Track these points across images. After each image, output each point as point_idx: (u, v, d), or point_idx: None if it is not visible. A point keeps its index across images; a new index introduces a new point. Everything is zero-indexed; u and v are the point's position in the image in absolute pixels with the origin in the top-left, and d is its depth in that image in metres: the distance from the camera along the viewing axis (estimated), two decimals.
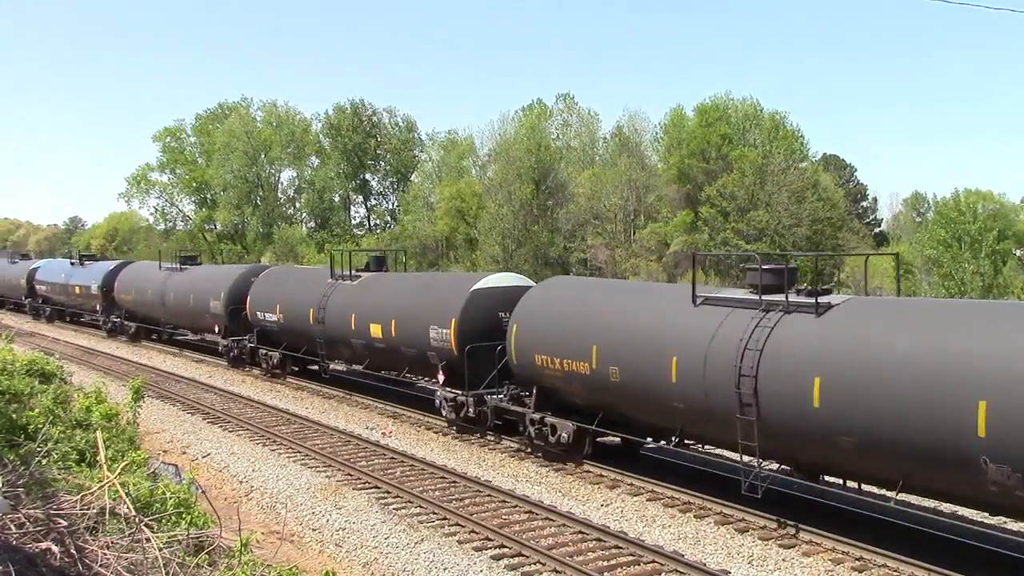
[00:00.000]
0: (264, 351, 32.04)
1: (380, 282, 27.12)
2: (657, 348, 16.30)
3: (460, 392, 21.82)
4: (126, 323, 44.69)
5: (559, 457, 19.34)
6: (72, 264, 52.59)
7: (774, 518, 15.18)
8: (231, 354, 34.18)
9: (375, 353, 25.76)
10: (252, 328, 32.44)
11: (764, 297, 15.32)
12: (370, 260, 29.52)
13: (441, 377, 22.50)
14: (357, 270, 28.42)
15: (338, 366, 30.76)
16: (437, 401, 22.70)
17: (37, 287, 55.91)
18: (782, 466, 15.28)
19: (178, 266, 40.98)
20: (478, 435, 22.04)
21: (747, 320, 14.97)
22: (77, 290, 49.10)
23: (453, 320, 21.95)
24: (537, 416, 19.46)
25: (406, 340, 23.83)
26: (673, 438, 16.85)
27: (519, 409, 20.13)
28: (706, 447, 17.69)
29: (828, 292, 16.04)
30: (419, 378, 27.80)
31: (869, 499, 15.00)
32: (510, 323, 20.11)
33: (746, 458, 14.95)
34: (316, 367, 29.95)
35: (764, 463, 14.95)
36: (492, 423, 21.28)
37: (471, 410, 21.53)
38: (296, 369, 31.81)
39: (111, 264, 48.81)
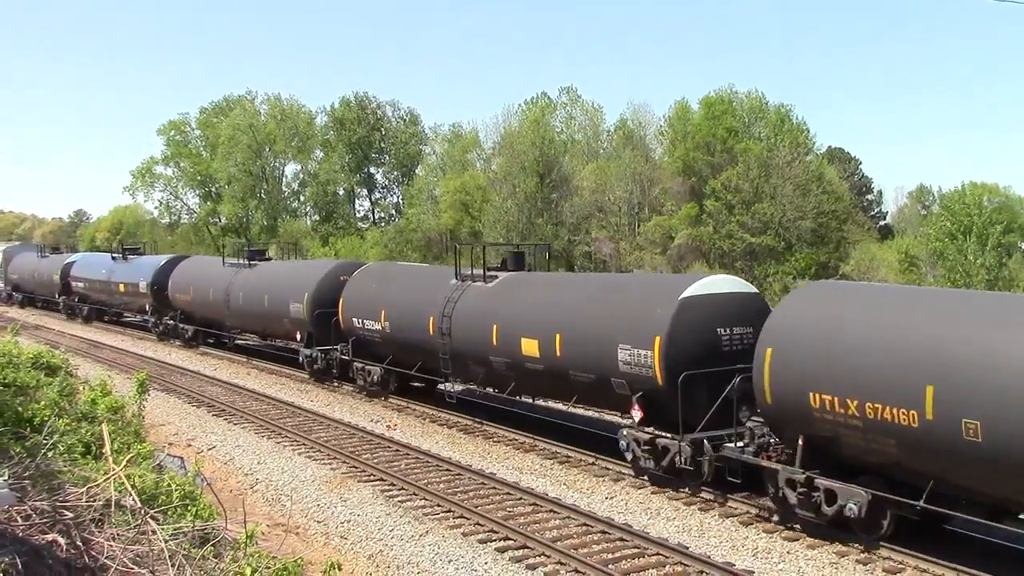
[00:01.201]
0: (361, 365, 26.61)
1: (529, 285, 21.78)
2: None
3: (667, 434, 16.72)
4: (182, 326, 39.50)
5: (823, 532, 14.29)
6: (114, 258, 47.49)
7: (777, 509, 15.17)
8: (316, 366, 29.04)
9: (527, 376, 20.36)
10: (346, 337, 27.08)
11: None
12: (505, 257, 24.10)
13: (637, 414, 17.21)
14: (489, 269, 23.21)
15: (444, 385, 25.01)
16: (623, 443, 17.53)
17: (73, 284, 50.90)
18: None
19: (245, 262, 35.62)
20: (685, 491, 16.77)
21: None
22: (122, 288, 44.29)
23: (658, 339, 16.59)
24: (801, 476, 14.13)
25: (579, 362, 18.52)
26: None
27: (772, 465, 14.74)
28: None
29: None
30: (592, 410, 21.55)
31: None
32: (759, 345, 14.68)
33: None
34: (420, 384, 25.91)
35: None
36: (709, 476, 16.27)
37: (683, 459, 16.27)
38: (394, 387, 26.29)
39: (162, 259, 43.63)
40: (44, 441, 10.93)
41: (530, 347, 19.72)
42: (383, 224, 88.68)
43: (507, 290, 21.72)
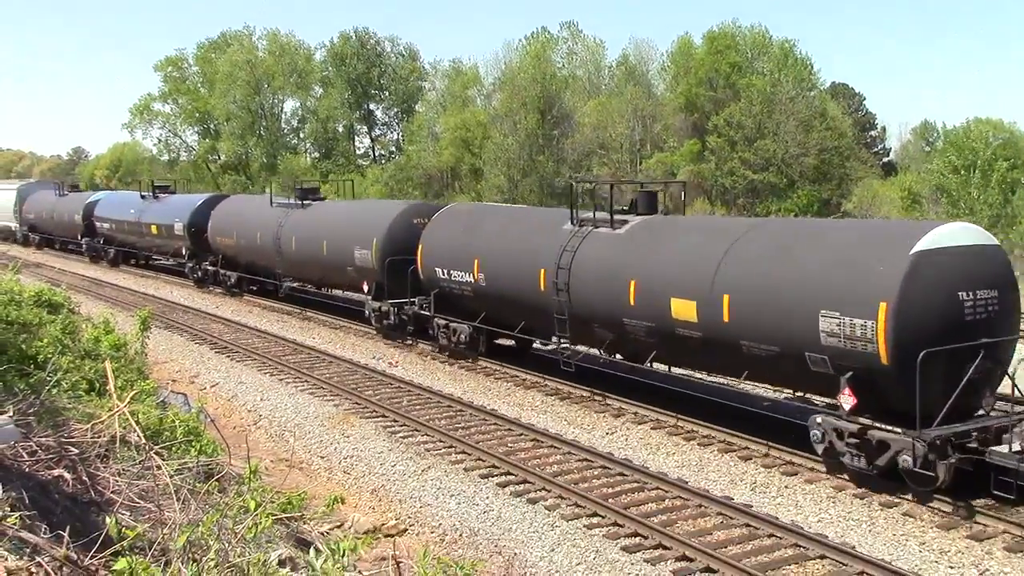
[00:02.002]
0: (444, 322, 23.02)
1: (679, 232, 17.81)
2: None
3: (891, 428, 13.14)
4: (223, 272, 35.72)
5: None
6: (143, 197, 43.30)
7: (777, 446, 15.32)
8: (385, 321, 25.49)
9: (676, 344, 16.60)
10: (426, 290, 23.53)
11: None
12: (635, 197, 19.72)
13: (848, 400, 13.59)
14: (618, 211, 19.06)
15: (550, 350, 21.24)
16: (816, 432, 13.98)
17: (97, 225, 46.97)
18: None
19: (296, 201, 31.45)
20: (910, 497, 13.32)
21: None
22: (154, 229, 40.34)
23: (884, 306, 12.93)
24: None
25: (756, 331, 14.77)
26: None
27: None
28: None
29: None
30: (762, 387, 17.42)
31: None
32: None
33: None
34: (516, 345, 22.67)
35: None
36: (946, 482, 12.68)
37: (915, 460, 12.64)
38: (483, 348, 22.63)
39: (198, 198, 39.88)
40: (48, 378, 10.99)
41: (684, 309, 15.93)
42: (383, 161, 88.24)
43: (648, 238, 17.72)
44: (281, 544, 8.17)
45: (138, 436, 8.88)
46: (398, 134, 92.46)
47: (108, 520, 5.83)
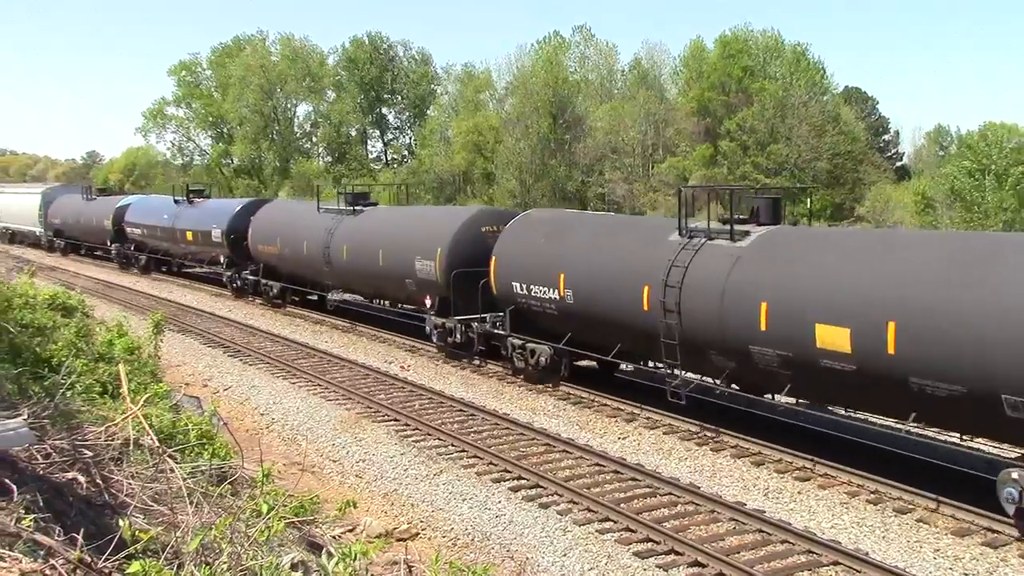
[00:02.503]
0: (520, 342, 20.76)
1: (823, 246, 15.33)
2: None
3: None
4: (265, 282, 33.45)
5: None
6: (177, 202, 41.39)
7: (787, 451, 15.26)
8: (450, 339, 23.13)
9: (820, 377, 14.11)
10: (500, 306, 21.39)
11: None
12: (756, 203, 16.95)
13: None
14: (736, 220, 16.53)
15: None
16: (1012, 491, 11.87)
17: (128, 230, 44.97)
18: None
19: (348, 207, 29.23)
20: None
21: None
22: (189, 236, 38.29)
23: None
24: None
25: (934, 367, 12.34)
26: None
27: None
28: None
29: None
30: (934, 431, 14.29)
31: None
32: None
33: None
34: (598, 368, 20.49)
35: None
36: None
37: None
38: (566, 372, 20.40)
39: (237, 203, 37.89)
40: (62, 381, 11.03)
41: (833, 338, 13.60)
42: (396, 165, 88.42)
43: (780, 253, 15.40)
44: (293, 548, 8.18)
45: (151, 439, 8.90)
46: (410, 138, 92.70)
47: (122, 523, 5.84)
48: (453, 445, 16.39)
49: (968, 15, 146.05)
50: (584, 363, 20.95)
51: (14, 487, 6.34)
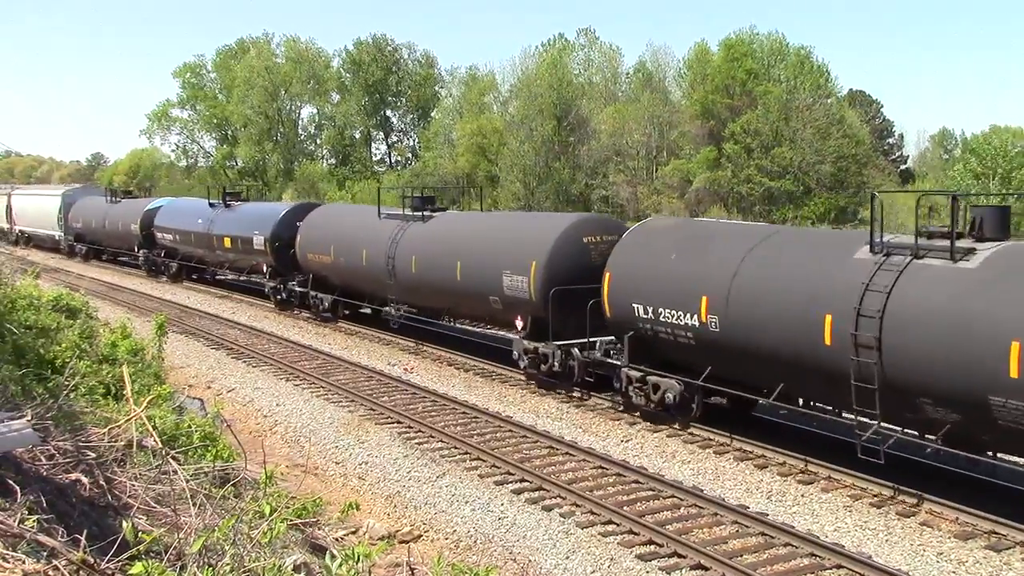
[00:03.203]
0: (639, 374, 17.50)
1: None
2: None
3: None
4: (315, 294, 30.05)
5: None
6: (213, 206, 38.10)
7: (793, 455, 15.24)
8: (543, 367, 20.06)
9: None
10: (619, 330, 18.18)
11: None
12: (977, 214, 13.64)
13: None
14: (932, 234, 13.82)
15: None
16: None
17: (159, 235, 42.00)
18: None
19: (415, 213, 25.84)
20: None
21: None
22: (227, 242, 35.21)
23: None
24: None
25: None
26: None
27: None
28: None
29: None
30: None
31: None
32: None
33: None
34: (728, 405, 17.26)
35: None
36: None
37: None
38: (697, 412, 17.10)
39: (282, 207, 34.55)
40: (66, 382, 11.04)
41: None
42: (400, 168, 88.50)
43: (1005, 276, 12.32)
44: (296, 550, 8.19)
45: (155, 441, 8.91)
46: (414, 140, 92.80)
47: (124, 524, 5.85)
48: (456, 447, 16.39)
49: (972, 18, 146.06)
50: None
51: (17, 488, 6.35)
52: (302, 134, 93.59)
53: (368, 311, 28.96)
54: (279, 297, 32.58)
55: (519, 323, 20.83)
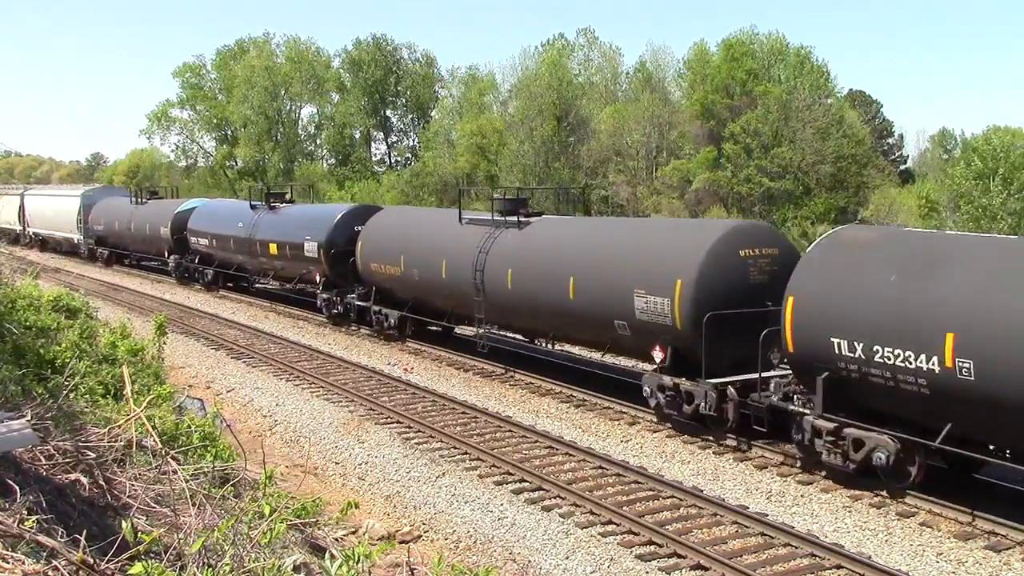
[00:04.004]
0: (834, 425, 14.06)
1: None
2: None
3: None
4: (379, 310, 26.59)
5: None
6: (254, 207, 34.61)
7: (797, 455, 15.24)
8: (687, 407, 16.71)
9: None
10: (804, 371, 14.62)
11: None
12: None
13: None
14: None
15: None
16: None
17: (192, 240, 38.62)
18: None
19: (506, 218, 22.29)
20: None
21: None
22: (273, 249, 31.86)
23: None
24: None
25: None
26: None
27: None
28: None
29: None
30: None
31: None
32: None
33: None
34: (945, 467, 14.09)
35: None
36: None
37: None
38: (917, 478, 13.64)
39: (338, 209, 30.56)
40: (66, 382, 11.04)
41: None
42: (399, 168, 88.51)
43: None
44: (296, 550, 8.19)
45: (154, 441, 8.91)
46: (414, 140, 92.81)
47: (124, 524, 5.85)
48: (456, 447, 16.40)
49: (973, 18, 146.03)
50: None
51: (17, 488, 6.35)
52: (302, 134, 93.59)
53: (437, 329, 25.89)
54: (334, 311, 29.20)
55: (657, 354, 17.20)
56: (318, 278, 29.80)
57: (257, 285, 37.42)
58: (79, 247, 52.38)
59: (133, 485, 7.97)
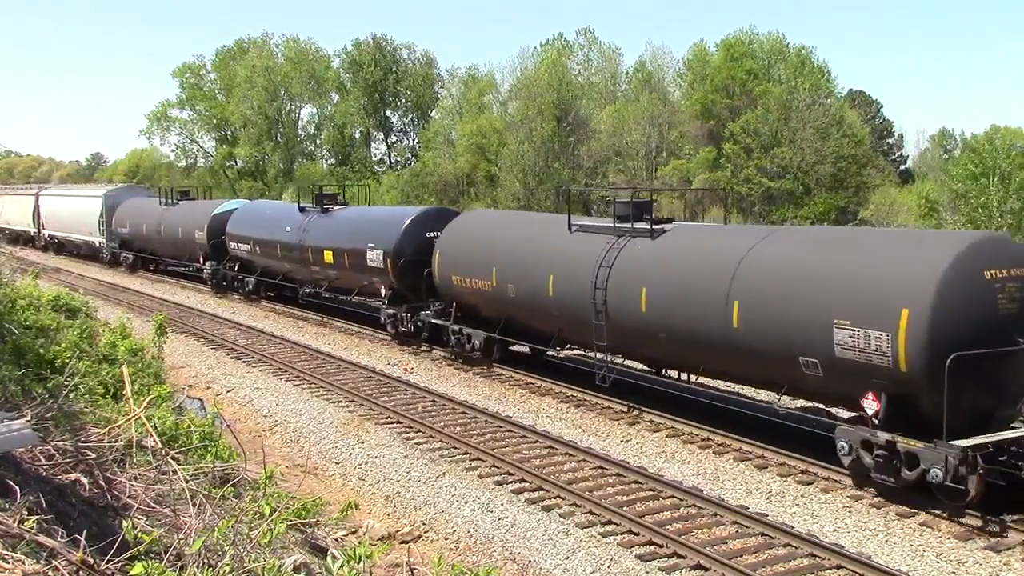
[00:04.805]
0: None
1: None
2: None
3: None
4: (460, 330, 22.69)
5: None
6: (304, 210, 31.22)
7: (793, 455, 15.24)
8: (912, 473, 12.86)
9: None
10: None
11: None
12: None
13: None
14: None
15: None
16: None
17: (232, 245, 35.07)
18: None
19: (633, 226, 18.51)
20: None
21: None
22: (328, 257, 28.30)
23: None
24: None
25: None
26: None
27: None
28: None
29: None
30: None
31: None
32: None
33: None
34: None
35: None
36: None
37: None
38: None
39: (407, 214, 26.10)
40: (66, 382, 11.04)
41: None
42: (399, 168, 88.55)
43: None
44: (296, 550, 8.20)
45: (154, 441, 8.92)
46: (414, 140, 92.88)
47: (124, 524, 5.85)
48: (456, 447, 16.39)
49: (973, 18, 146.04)
50: None
51: (17, 488, 6.35)
52: (302, 134, 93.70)
53: (525, 349, 22.60)
54: (402, 328, 25.39)
55: (869, 404, 13.62)
56: (383, 291, 26.19)
57: (304, 297, 32.73)
58: (101, 251, 49.01)
59: (133, 485, 7.98)
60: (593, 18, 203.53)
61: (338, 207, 31.23)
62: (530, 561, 11.86)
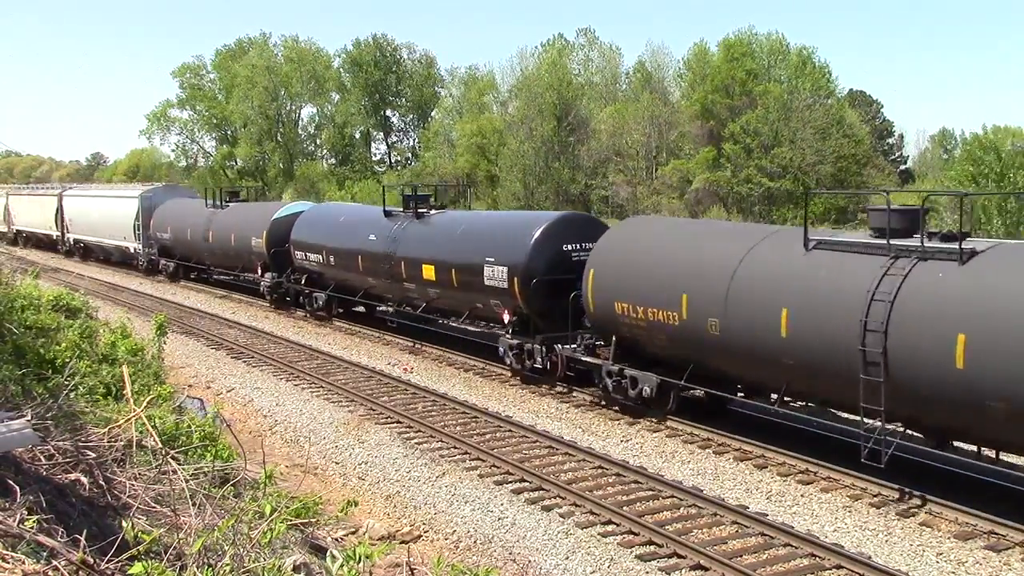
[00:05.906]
0: None
1: None
2: None
3: None
4: (620, 370, 17.83)
5: None
6: (389, 215, 26.70)
7: (793, 455, 15.24)
8: None
9: None
10: None
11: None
12: None
13: None
14: None
15: None
16: None
17: (299, 256, 30.25)
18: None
19: (898, 242, 13.57)
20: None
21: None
22: (429, 273, 23.64)
23: None
24: None
25: None
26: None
27: None
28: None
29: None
30: None
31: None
32: None
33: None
34: None
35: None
36: None
37: None
38: None
39: (537, 221, 21.43)
40: (66, 382, 11.05)
41: None
42: (399, 167, 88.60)
43: None
44: (296, 550, 8.20)
45: (154, 441, 8.91)
46: (414, 140, 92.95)
47: (124, 524, 5.85)
48: (456, 447, 16.39)
49: (973, 18, 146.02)
50: None
51: (17, 488, 6.36)
52: (302, 134, 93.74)
53: (700, 396, 18.10)
54: (532, 364, 20.62)
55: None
56: (505, 316, 21.33)
57: (378, 314, 28.85)
58: (135, 257, 44.07)
59: (133, 485, 7.98)
60: (593, 18, 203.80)
61: (435, 211, 26.01)
62: (530, 561, 11.86)
